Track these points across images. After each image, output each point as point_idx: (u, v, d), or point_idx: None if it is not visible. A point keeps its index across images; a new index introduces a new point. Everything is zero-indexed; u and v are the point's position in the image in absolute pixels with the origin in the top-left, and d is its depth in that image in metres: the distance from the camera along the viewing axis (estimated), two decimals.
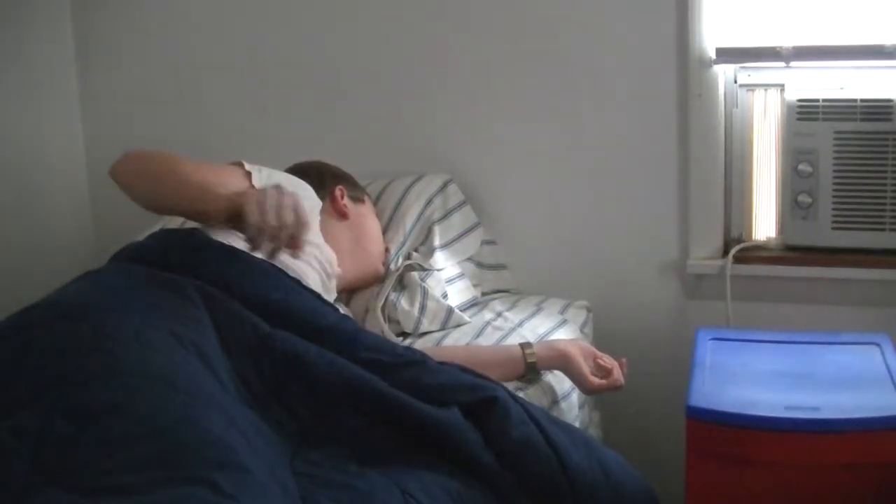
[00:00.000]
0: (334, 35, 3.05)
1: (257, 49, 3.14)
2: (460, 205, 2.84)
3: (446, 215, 2.80)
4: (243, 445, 1.55)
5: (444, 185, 2.84)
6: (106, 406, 1.55)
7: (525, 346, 2.28)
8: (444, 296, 2.60)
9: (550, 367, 2.30)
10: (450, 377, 1.91)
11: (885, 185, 2.61)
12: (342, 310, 2.37)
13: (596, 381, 2.26)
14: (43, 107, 3.25)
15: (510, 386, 2.18)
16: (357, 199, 2.57)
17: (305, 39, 3.09)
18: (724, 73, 2.74)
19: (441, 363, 1.95)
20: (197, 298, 1.88)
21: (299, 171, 2.47)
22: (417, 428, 1.81)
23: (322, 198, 2.44)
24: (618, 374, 2.28)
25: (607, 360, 2.29)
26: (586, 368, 2.26)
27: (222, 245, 2.07)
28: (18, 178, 3.16)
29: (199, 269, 1.97)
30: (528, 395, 2.21)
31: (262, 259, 2.03)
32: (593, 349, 2.33)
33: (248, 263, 2.02)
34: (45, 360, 1.67)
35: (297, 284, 2.05)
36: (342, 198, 2.52)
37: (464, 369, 1.96)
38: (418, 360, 1.92)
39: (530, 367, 2.26)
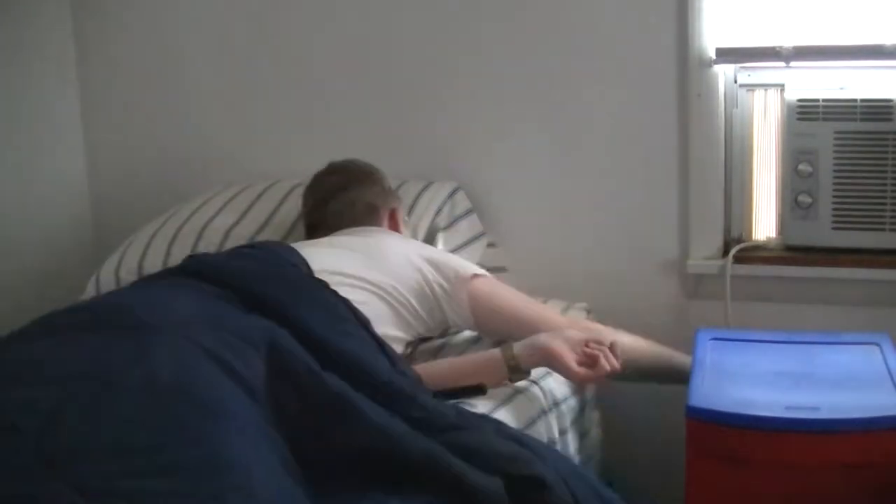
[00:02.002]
0: (344, 42, 3.06)
1: (263, 52, 3.15)
2: (467, 213, 2.84)
3: (452, 223, 2.79)
4: (261, 472, 1.51)
5: (453, 193, 2.84)
6: (125, 414, 1.52)
7: (505, 348, 2.20)
8: None
9: (535, 366, 2.22)
10: (503, 447, 1.81)
11: (885, 185, 2.61)
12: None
13: (582, 372, 2.16)
14: (43, 107, 3.25)
15: (506, 392, 2.18)
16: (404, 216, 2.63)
17: (314, 45, 3.09)
18: (724, 73, 2.74)
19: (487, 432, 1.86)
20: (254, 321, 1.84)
21: (367, 173, 2.57)
22: (456, 491, 1.72)
23: (384, 206, 2.56)
24: (603, 363, 2.16)
25: (594, 348, 2.19)
26: (571, 361, 2.16)
27: (294, 274, 2.07)
28: (18, 179, 3.16)
29: (264, 297, 1.92)
30: (529, 396, 2.21)
31: (335, 295, 2.02)
32: (582, 336, 2.23)
33: (319, 300, 1.98)
34: (70, 356, 1.64)
35: (365, 331, 1.98)
36: (398, 215, 2.59)
37: (521, 442, 1.87)
38: (473, 426, 1.82)
39: (514, 370, 2.19)
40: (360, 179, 2.60)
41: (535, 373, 2.28)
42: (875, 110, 2.60)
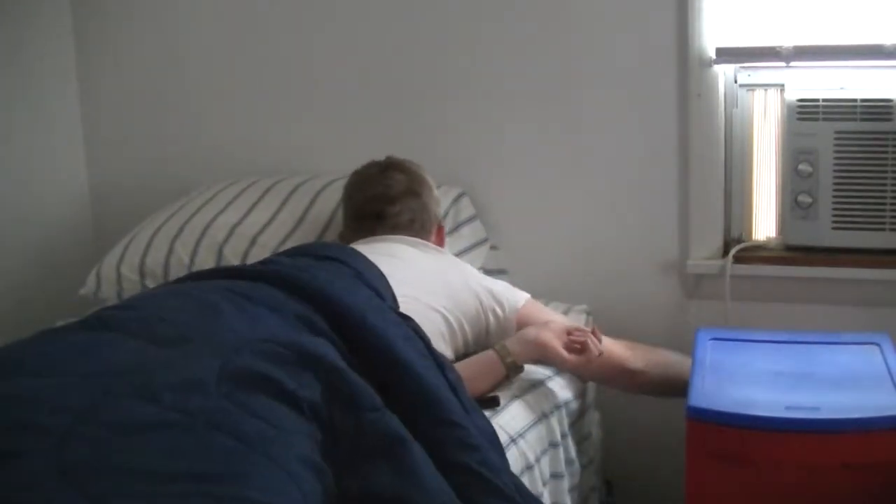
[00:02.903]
0: (348, 45, 3.06)
1: (264, 52, 3.15)
2: (471, 219, 2.85)
3: (456, 228, 2.80)
4: None
5: (458, 198, 2.85)
6: (153, 433, 1.43)
7: (500, 348, 2.24)
8: None
9: (529, 360, 2.27)
10: None
11: (885, 185, 2.61)
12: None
13: (573, 358, 2.24)
14: (43, 107, 3.25)
15: (509, 395, 2.18)
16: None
17: (318, 46, 3.09)
18: (724, 73, 2.74)
19: None
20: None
21: (428, 180, 2.57)
22: None
23: (436, 220, 2.57)
24: (592, 347, 2.24)
25: (579, 336, 2.26)
26: (562, 350, 2.23)
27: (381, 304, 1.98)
28: (18, 178, 3.16)
29: (356, 315, 1.83)
30: (528, 401, 2.21)
31: (419, 332, 1.94)
32: (565, 325, 2.30)
33: (405, 330, 1.91)
34: (106, 357, 1.57)
35: (441, 373, 1.88)
36: (443, 231, 2.61)
37: None
38: None
39: (511, 366, 2.23)
40: (424, 185, 2.58)
41: (538, 376, 2.31)
42: (875, 110, 2.60)
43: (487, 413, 2.03)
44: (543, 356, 2.26)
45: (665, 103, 2.78)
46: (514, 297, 2.38)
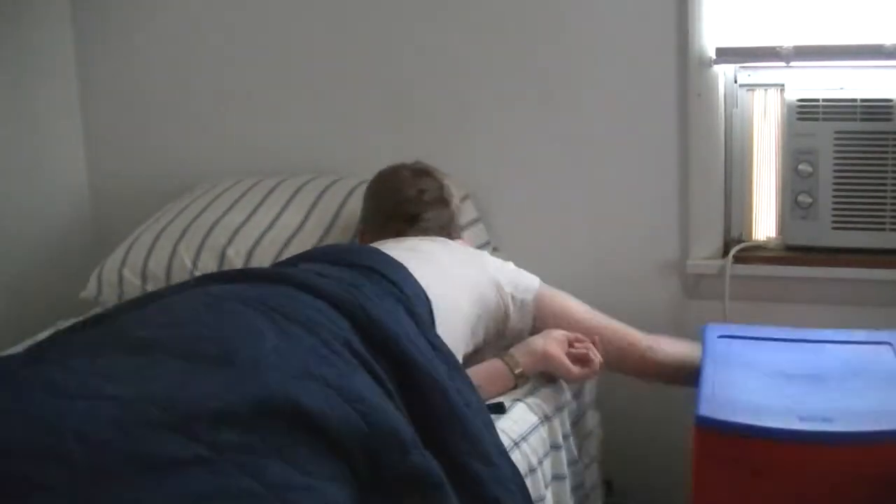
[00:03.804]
0: (351, 48, 3.06)
1: (266, 53, 3.15)
2: (474, 222, 2.85)
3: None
4: None
5: (462, 201, 2.81)
6: (178, 476, 1.40)
7: (507, 358, 2.26)
8: None
9: (536, 370, 2.29)
10: None
11: (885, 185, 2.62)
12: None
13: (579, 371, 2.29)
14: (42, 106, 3.24)
15: (510, 398, 2.20)
16: None
17: (320, 48, 3.09)
18: (724, 73, 2.75)
19: None
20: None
21: (449, 189, 2.57)
22: None
23: (457, 231, 2.62)
24: (594, 357, 2.29)
25: (581, 348, 2.30)
26: (567, 361, 2.27)
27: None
28: (18, 178, 3.15)
29: (403, 348, 1.83)
30: (530, 404, 2.21)
31: (460, 371, 1.97)
32: (566, 335, 2.33)
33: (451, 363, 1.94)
34: (135, 380, 1.53)
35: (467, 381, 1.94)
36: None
37: None
38: None
39: (520, 377, 2.25)
40: (453, 196, 2.60)
41: (537, 380, 2.32)
42: (875, 110, 2.61)
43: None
44: (549, 367, 2.30)
45: (665, 103, 2.79)
46: (529, 282, 2.43)
